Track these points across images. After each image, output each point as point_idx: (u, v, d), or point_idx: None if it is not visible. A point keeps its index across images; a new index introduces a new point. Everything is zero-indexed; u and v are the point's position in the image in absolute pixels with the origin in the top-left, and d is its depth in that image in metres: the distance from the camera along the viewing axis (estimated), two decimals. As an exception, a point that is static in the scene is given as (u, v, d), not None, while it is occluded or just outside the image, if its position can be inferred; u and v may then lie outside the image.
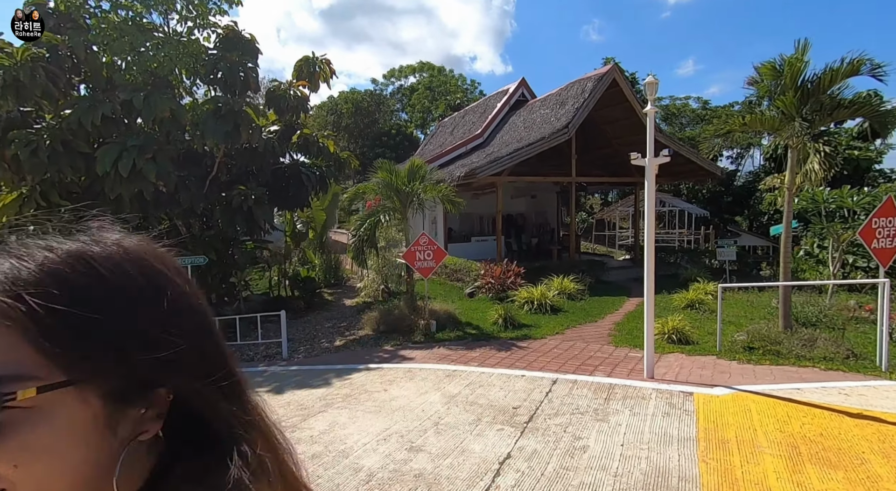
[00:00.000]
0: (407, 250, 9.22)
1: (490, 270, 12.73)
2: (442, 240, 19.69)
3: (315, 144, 11.53)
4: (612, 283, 15.01)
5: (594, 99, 14.75)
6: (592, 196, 32.66)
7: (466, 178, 14.14)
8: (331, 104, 34.22)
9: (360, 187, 9.84)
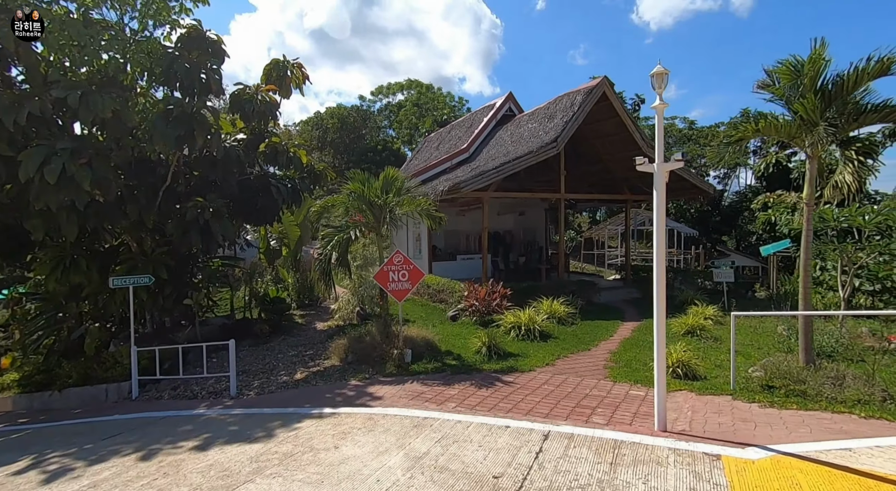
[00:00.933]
0: (379, 270, 8.08)
1: (474, 291, 11.62)
2: (426, 258, 18.60)
3: (284, 154, 10.42)
4: (604, 305, 13.96)
5: (584, 112, 13.92)
6: (581, 214, 31.93)
7: (450, 192, 13.12)
8: (316, 119, 33.30)
9: (330, 200, 8.75)
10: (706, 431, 4.91)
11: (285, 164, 10.59)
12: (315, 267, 8.53)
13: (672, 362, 7.21)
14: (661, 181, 4.77)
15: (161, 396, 7.35)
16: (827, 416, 5.22)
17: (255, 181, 11.25)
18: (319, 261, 8.26)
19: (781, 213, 15.75)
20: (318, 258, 8.30)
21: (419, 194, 15.45)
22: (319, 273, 8.35)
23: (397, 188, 8.76)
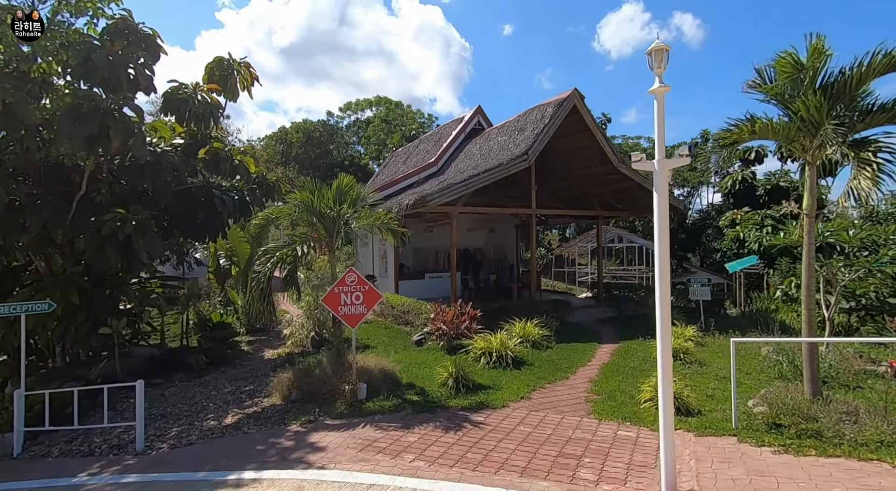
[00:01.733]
0: (329, 292, 6.89)
1: (441, 313, 10.51)
2: (392, 276, 17.43)
3: (228, 161, 9.17)
4: (579, 325, 13.08)
5: (554, 125, 13.24)
6: (551, 231, 31.46)
7: (416, 206, 12.08)
8: (281, 134, 31.88)
9: (274, 211, 7.55)
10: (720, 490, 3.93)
11: (229, 172, 9.32)
12: (251, 288, 7.25)
13: (662, 395, 6.27)
14: (662, 181, 3.86)
15: (50, 452, 5.85)
16: (855, 465, 4.34)
17: (195, 192, 9.91)
18: (256, 281, 7.01)
19: (750, 230, 15.42)
20: (255, 277, 7.05)
21: (384, 208, 14.38)
22: (258, 296, 7.08)
23: (353, 199, 7.65)
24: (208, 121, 9.08)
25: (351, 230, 7.64)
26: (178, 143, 9.46)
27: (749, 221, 15.51)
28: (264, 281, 6.92)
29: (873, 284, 10.46)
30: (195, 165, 9.76)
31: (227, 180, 10.49)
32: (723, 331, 11.09)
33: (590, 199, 16.54)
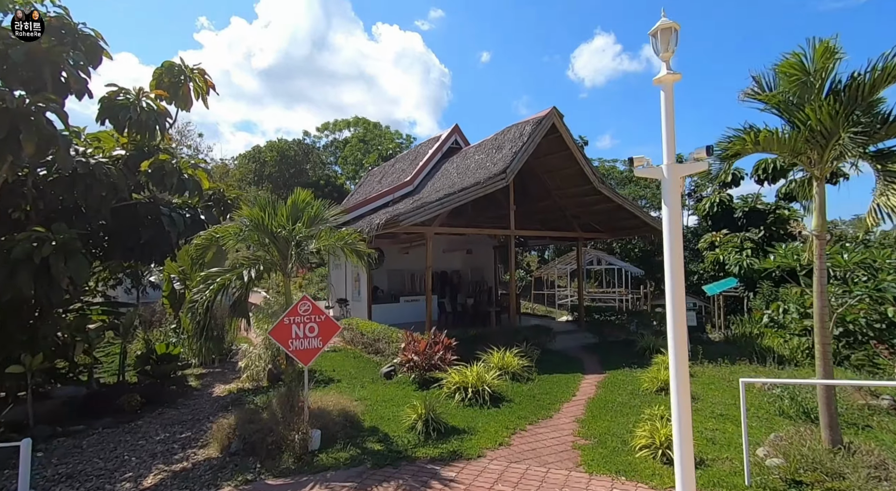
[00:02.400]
0: (277, 323, 5.89)
1: (413, 342, 9.53)
2: (365, 300, 16.38)
3: (175, 175, 8.14)
4: (561, 353, 12.22)
5: (533, 143, 12.66)
6: (529, 253, 30.89)
7: (387, 226, 11.19)
8: (254, 153, 30.76)
9: (219, 230, 6.55)
10: None
11: (176, 187, 8.28)
12: (186, 320, 6.17)
13: (660, 441, 5.42)
14: (674, 191, 3.10)
15: None
16: (904, 540, 3.53)
17: (140, 209, 8.86)
18: (191, 312, 5.95)
19: (730, 253, 14.99)
20: (191, 308, 5.99)
21: (355, 228, 13.44)
22: (194, 329, 6.00)
23: (310, 217, 6.72)
24: (153, 130, 8.08)
25: (306, 252, 6.65)
26: (119, 154, 8.41)
27: (729, 244, 15.10)
28: (201, 312, 5.86)
29: (862, 309, 9.98)
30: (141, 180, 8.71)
31: (179, 197, 9.45)
32: (711, 359, 10.39)
33: (569, 220, 15.95)
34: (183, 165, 8.50)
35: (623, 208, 14.45)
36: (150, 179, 8.18)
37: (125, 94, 7.86)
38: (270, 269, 6.60)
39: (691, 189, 30.70)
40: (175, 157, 8.46)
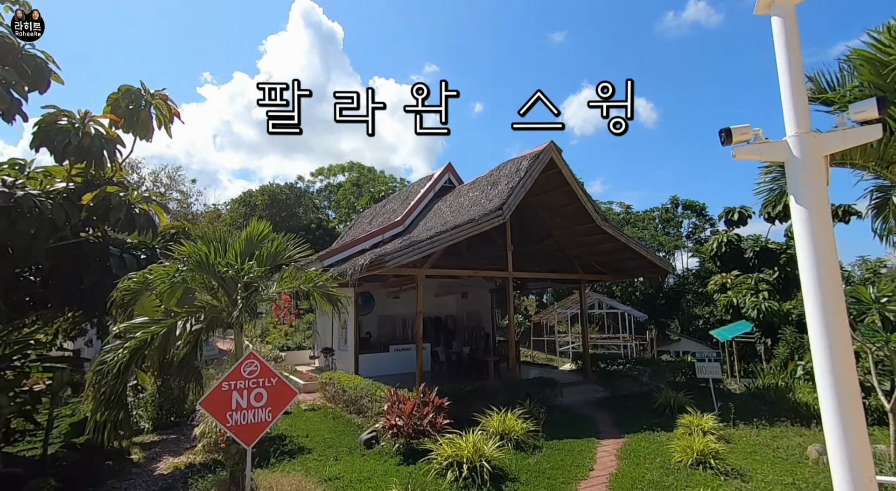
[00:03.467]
0: (212, 390, 4.51)
1: (397, 403, 8.03)
2: (351, 349, 14.86)
3: (122, 209, 6.97)
4: (569, 411, 10.65)
5: (531, 178, 11.71)
6: (528, 297, 29.49)
7: (373, 267, 9.96)
8: (244, 197, 29.96)
9: (153, 270, 5.27)
10: None
11: (125, 224, 7.09)
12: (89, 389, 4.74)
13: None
14: (811, 175, 1.87)
15: None
16: None
17: (85, 249, 7.62)
18: (99, 375, 4.57)
19: (744, 295, 13.74)
20: (99, 370, 4.61)
21: (338, 271, 12.17)
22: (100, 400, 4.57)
23: (270, 253, 5.49)
24: (100, 158, 7.00)
25: (262, 296, 5.36)
26: (61, 187, 7.26)
27: (742, 286, 13.87)
28: (110, 378, 4.49)
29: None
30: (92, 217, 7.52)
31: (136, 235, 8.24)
32: (745, 420, 8.89)
33: (571, 261, 14.78)
34: (134, 199, 7.34)
35: (628, 248, 13.34)
36: (92, 214, 7.00)
37: (68, 118, 6.83)
38: (218, 318, 5.27)
39: (690, 230, 29.87)
40: (125, 189, 7.32)
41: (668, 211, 30.00)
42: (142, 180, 27.28)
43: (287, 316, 25.05)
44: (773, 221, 15.12)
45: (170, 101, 7.89)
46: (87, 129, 6.89)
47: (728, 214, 16.81)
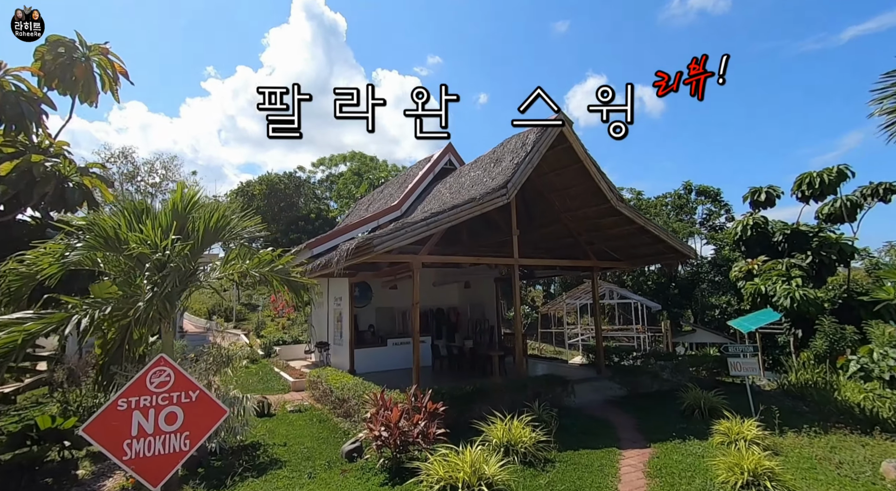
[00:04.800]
0: (102, 409, 3.24)
1: (383, 408, 6.77)
2: (346, 343, 13.69)
3: (49, 182, 5.73)
4: (583, 412, 9.36)
5: (538, 153, 10.32)
6: (534, 287, 28.15)
7: (359, 252, 8.68)
8: (243, 186, 28.77)
9: (33, 253, 3.98)
10: None
11: (55, 200, 5.86)
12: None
13: None
14: None
15: None
16: None
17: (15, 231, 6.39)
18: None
19: (774, 283, 12.29)
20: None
21: (325, 259, 10.92)
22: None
23: (206, 228, 4.20)
24: (21, 120, 5.75)
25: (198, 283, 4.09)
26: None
27: (772, 272, 12.42)
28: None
29: None
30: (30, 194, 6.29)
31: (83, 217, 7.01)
32: (790, 424, 7.55)
33: (582, 247, 13.39)
34: (68, 171, 6.09)
35: (646, 231, 11.94)
36: (11, 188, 5.76)
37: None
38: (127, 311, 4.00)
39: (704, 217, 28.24)
40: (54, 158, 6.08)
41: (681, 197, 28.41)
42: (136, 170, 26.20)
43: (286, 308, 23.96)
44: (806, 201, 13.61)
45: (111, 54, 6.62)
46: (4, 83, 5.65)
47: (754, 195, 15.31)
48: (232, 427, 7.38)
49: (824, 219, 14.18)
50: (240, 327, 22.98)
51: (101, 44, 6.65)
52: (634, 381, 11.41)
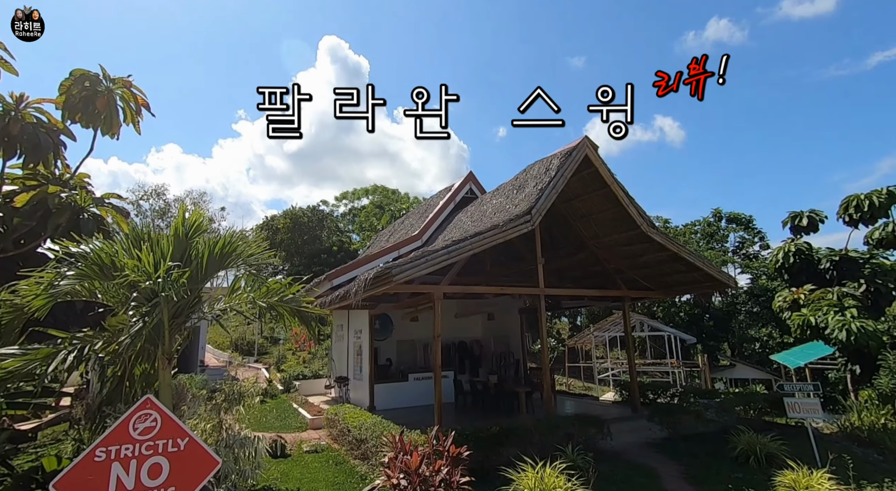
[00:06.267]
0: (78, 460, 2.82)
1: (401, 452, 6.16)
2: (366, 378, 13.14)
3: (65, 213, 5.61)
4: (621, 458, 8.47)
5: (563, 178, 9.92)
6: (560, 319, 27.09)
7: (378, 282, 8.30)
8: (268, 221, 29.24)
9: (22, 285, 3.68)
10: None
11: (66, 231, 5.72)
12: None
13: None
14: None
15: None
16: None
17: (31, 263, 6.26)
18: None
19: (825, 313, 11.27)
20: None
21: (343, 291, 10.57)
22: None
23: (210, 255, 3.88)
24: (40, 151, 5.70)
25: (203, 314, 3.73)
26: (7, 190, 6.00)
27: (822, 302, 11.42)
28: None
29: None
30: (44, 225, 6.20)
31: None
32: (865, 476, 6.54)
33: (610, 276, 12.70)
34: (83, 202, 5.98)
35: (680, 258, 11.22)
36: (26, 220, 5.65)
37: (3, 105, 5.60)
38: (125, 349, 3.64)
39: (737, 244, 27.00)
40: (70, 188, 5.99)
41: (710, 224, 27.30)
42: (167, 206, 27.00)
43: (307, 342, 23.60)
44: (855, 225, 12.61)
45: (134, 87, 6.65)
46: (25, 115, 5.64)
47: (795, 220, 14.34)
48: (242, 470, 6.85)
49: (875, 244, 13.12)
50: (261, 361, 22.68)
51: (124, 77, 6.71)
52: (675, 421, 10.40)
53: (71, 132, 6.15)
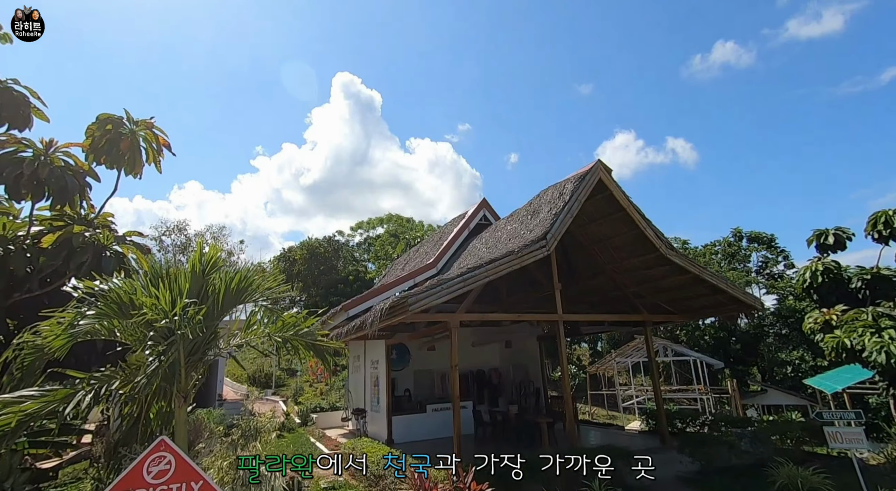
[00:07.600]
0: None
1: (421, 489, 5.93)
2: (384, 409, 12.88)
3: (87, 252, 5.75)
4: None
5: (578, 202, 9.85)
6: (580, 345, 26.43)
7: (394, 312, 8.23)
8: (285, 252, 29.66)
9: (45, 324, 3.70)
10: None
11: (88, 269, 5.84)
12: None
13: None
14: None
15: None
16: None
17: (55, 302, 6.38)
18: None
19: (861, 335, 10.75)
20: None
21: (360, 321, 10.52)
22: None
23: (226, 290, 3.89)
24: (66, 193, 5.90)
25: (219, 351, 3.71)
26: (34, 231, 6.19)
27: (857, 323, 10.93)
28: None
29: None
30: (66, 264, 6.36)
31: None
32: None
33: (630, 300, 12.39)
34: (106, 240, 6.13)
35: (702, 281, 10.92)
36: (51, 260, 5.80)
37: (32, 149, 5.85)
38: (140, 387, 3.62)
39: (760, 264, 26.28)
40: (94, 228, 6.15)
41: (731, 244, 26.68)
42: (188, 241, 27.65)
43: (323, 373, 23.40)
44: (885, 242, 12.13)
45: (156, 128, 6.90)
46: (54, 159, 5.87)
47: (820, 238, 13.89)
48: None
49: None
50: (278, 393, 22.51)
51: (146, 119, 6.98)
52: (708, 453, 9.86)
53: (96, 173, 6.38)
